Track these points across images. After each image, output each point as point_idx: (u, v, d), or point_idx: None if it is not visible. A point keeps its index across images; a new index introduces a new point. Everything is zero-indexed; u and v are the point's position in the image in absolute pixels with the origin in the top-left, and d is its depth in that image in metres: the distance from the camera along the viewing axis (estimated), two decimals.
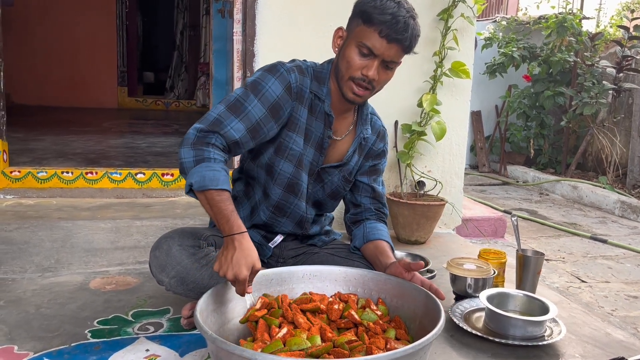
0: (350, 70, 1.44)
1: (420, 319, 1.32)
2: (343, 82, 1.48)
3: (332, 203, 1.72)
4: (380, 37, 1.39)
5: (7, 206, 2.39)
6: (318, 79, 1.55)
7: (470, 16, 2.68)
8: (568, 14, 5.39)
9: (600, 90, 4.95)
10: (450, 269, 1.83)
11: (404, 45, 1.42)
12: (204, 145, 1.38)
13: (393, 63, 1.45)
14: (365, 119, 1.65)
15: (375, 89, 1.49)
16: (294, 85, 1.49)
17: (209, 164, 1.34)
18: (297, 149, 1.54)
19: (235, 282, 1.25)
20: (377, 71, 1.43)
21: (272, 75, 1.48)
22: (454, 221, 2.94)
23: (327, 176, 1.65)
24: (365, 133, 1.64)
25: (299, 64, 1.54)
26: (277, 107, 1.48)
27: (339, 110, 1.58)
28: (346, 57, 1.45)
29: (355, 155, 1.65)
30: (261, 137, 1.49)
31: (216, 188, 1.31)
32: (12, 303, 1.71)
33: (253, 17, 2.54)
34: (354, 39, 1.43)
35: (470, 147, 6.11)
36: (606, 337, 1.67)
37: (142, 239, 2.22)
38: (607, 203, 4.37)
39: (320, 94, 1.54)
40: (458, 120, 2.84)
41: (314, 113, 1.56)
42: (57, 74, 6.81)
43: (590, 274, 2.75)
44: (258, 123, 1.46)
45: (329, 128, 1.56)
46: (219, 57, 4.66)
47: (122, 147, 3.91)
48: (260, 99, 1.46)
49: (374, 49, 1.40)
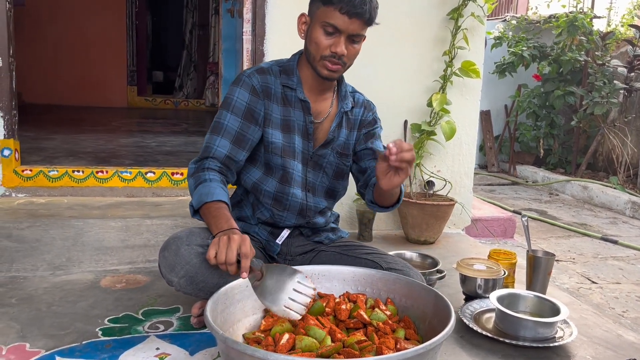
0: (320, 50, 1.53)
1: (430, 319, 1.32)
2: (316, 63, 1.56)
3: (341, 183, 1.78)
4: (341, 14, 1.48)
5: (19, 204, 2.41)
6: (286, 71, 1.65)
7: (480, 15, 2.67)
8: (579, 13, 5.35)
9: (611, 90, 4.90)
10: (460, 270, 1.82)
11: (365, 18, 1.50)
12: (200, 171, 1.53)
13: (358, 36, 1.54)
14: (345, 95, 1.72)
15: (347, 64, 1.57)
16: (257, 86, 1.61)
17: (205, 184, 1.49)
18: (277, 141, 1.63)
19: (226, 265, 1.27)
20: (345, 46, 1.52)
21: (237, 86, 1.62)
22: (463, 221, 2.93)
23: (322, 159, 1.71)
24: (345, 107, 1.71)
25: (259, 67, 1.66)
26: (250, 111, 1.60)
27: (316, 92, 1.66)
28: (314, 39, 1.54)
29: (343, 130, 1.71)
30: (249, 144, 1.61)
31: (211, 200, 1.44)
32: (24, 301, 1.72)
33: (263, 17, 2.55)
34: (317, 21, 1.52)
35: (480, 147, 6.09)
36: (618, 339, 1.66)
37: (152, 238, 2.23)
38: (617, 203, 4.34)
39: (291, 84, 1.64)
40: (468, 120, 2.83)
41: (290, 104, 1.65)
42: (67, 73, 6.85)
43: (601, 275, 2.73)
44: (239, 133, 1.59)
45: (309, 113, 1.65)
46: (228, 57, 4.67)
47: (131, 146, 3.92)
48: (233, 111, 1.59)
49: (338, 26, 1.49)
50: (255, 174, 1.68)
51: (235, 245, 1.27)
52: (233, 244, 1.27)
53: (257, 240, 1.73)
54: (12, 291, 1.80)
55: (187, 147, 4.03)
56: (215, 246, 1.29)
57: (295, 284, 1.26)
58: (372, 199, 1.68)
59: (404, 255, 2.05)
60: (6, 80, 2.45)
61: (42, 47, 6.69)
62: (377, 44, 2.62)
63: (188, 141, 4.41)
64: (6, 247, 2.05)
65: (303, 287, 1.26)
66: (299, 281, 1.27)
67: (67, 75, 6.85)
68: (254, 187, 1.69)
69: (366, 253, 1.66)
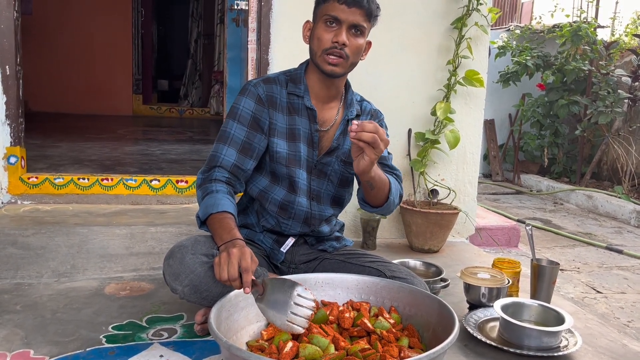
0: (322, 44, 1.55)
1: (434, 328, 1.32)
2: (318, 59, 1.58)
3: (347, 191, 1.79)
4: (340, 5, 1.52)
5: (25, 211, 2.42)
6: (293, 80, 1.67)
7: (484, 25, 2.68)
8: (582, 22, 5.36)
9: (615, 99, 4.90)
10: (464, 278, 1.82)
11: (364, 7, 1.53)
12: (207, 182, 1.56)
13: (360, 27, 1.55)
14: (351, 103, 1.72)
15: (350, 58, 1.57)
16: (263, 96, 1.63)
17: (211, 195, 1.51)
18: (282, 150, 1.65)
19: (230, 282, 1.28)
20: (346, 36, 1.53)
21: (243, 95, 1.64)
22: (467, 230, 2.92)
23: (327, 167, 1.71)
24: (350, 115, 1.71)
25: (266, 76, 1.70)
26: (255, 120, 1.62)
27: (323, 100, 1.68)
28: (316, 36, 1.57)
29: (347, 138, 1.70)
30: (256, 152, 1.63)
31: (217, 211, 1.46)
32: (29, 308, 1.73)
33: (268, 26, 2.56)
34: (320, 19, 1.57)
35: (484, 156, 6.09)
36: (622, 349, 1.65)
37: (157, 245, 2.24)
38: (622, 213, 4.32)
39: (299, 92, 1.65)
40: (472, 128, 2.84)
41: (296, 112, 1.66)
42: (73, 82, 6.89)
43: (606, 285, 2.71)
44: (245, 142, 1.61)
45: (315, 122, 1.66)
46: (233, 65, 4.69)
47: (136, 154, 3.94)
48: (239, 120, 1.62)
49: (338, 16, 1.52)
50: (262, 183, 1.69)
51: (235, 260, 1.27)
52: (233, 259, 1.27)
53: (261, 248, 1.73)
54: (17, 298, 1.81)
55: (191, 155, 4.05)
56: (217, 265, 1.30)
57: (295, 298, 1.26)
58: (362, 196, 1.69)
59: (408, 263, 2.05)
60: (13, 89, 2.47)
61: (48, 56, 6.74)
62: (382, 52, 2.64)
63: (193, 149, 4.43)
64: (11, 254, 2.06)
65: (303, 300, 1.27)
66: (299, 294, 1.27)
67: (72, 83, 6.90)
68: (260, 195, 1.69)
69: (370, 261, 1.67)
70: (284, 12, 2.55)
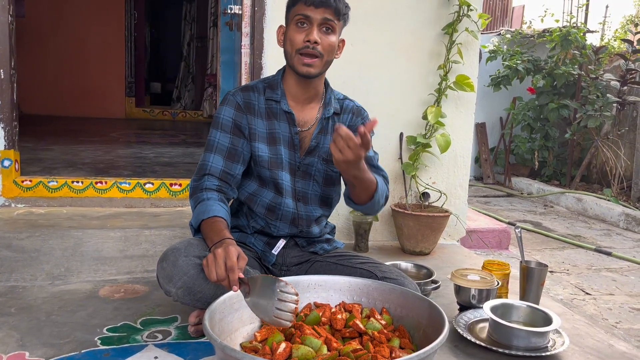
0: (294, 45, 1.59)
1: (424, 328, 1.35)
2: (293, 61, 1.62)
3: (334, 190, 1.80)
4: (307, 6, 1.57)
5: (19, 215, 2.43)
6: (271, 86, 1.72)
7: (474, 30, 2.72)
8: (572, 27, 5.43)
9: (604, 103, 4.97)
10: (455, 280, 1.85)
11: (332, 6, 1.57)
12: (198, 191, 1.61)
13: (330, 23, 1.59)
14: (329, 102, 1.75)
15: (324, 56, 1.61)
16: (241, 103, 1.69)
17: (202, 203, 1.56)
18: (264, 154, 1.69)
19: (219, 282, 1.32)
20: (318, 35, 1.58)
21: (224, 105, 1.71)
22: (458, 232, 2.96)
23: (310, 168, 1.74)
24: (327, 114, 1.73)
25: (244, 85, 1.76)
26: (237, 126, 1.68)
27: (302, 102, 1.71)
28: (289, 38, 1.61)
29: (328, 137, 1.73)
30: (242, 157, 1.68)
31: (208, 217, 1.51)
32: (23, 310, 1.74)
33: (261, 31, 2.59)
34: (291, 21, 1.62)
35: (475, 159, 6.13)
36: (609, 349, 1.68)
37: (151, 248, 2.25)
38: (611, 215, 4.37)
39: (275, 97, 1.70)
40: (462, 132, 2.87)
41: (275, 116, 1.70)
42: (66, 85, 6.87)
43: (595, 287, 2.75)
44: (230, 147, 1.67)
45: (294, 125, 1.70)
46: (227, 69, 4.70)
47: (130, 157, 3.95)
48: (222, 128, 1.68)
49: (308, 14, 1.57)
50: (251, 187, 1.73)
51: (221, 260, 1.31)
52: (219, 259, 1.31)
53: (253, 250, 1.76)
54: (11, 301, 1.82)
55: (185, 159, 4.06)
56: (205, 267, 1.34)
57: (278, 293, 1.29)
58: (347, 193, 1.72)
59: (400, 265, 2.07)
60: (7, 92, 2.48)
61: (41, 58, 6.72)
62: (373, 57, 2.68)
63: (186, 152, 4.44)
64: (6, 257, 2.07)
65: (286, 295, 1.29)
66: (281, 290, 1.30)
67: (66, 86, 6.88)
68: (248, 198, 1.73)
69: (361, 262, 1.69)
70: (277, 18, 2.57)
